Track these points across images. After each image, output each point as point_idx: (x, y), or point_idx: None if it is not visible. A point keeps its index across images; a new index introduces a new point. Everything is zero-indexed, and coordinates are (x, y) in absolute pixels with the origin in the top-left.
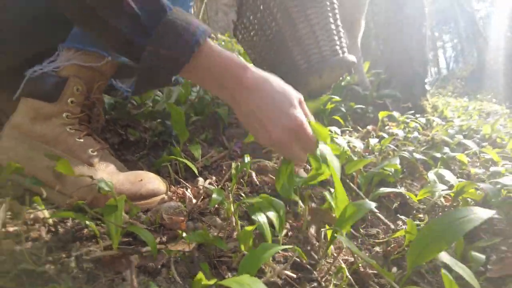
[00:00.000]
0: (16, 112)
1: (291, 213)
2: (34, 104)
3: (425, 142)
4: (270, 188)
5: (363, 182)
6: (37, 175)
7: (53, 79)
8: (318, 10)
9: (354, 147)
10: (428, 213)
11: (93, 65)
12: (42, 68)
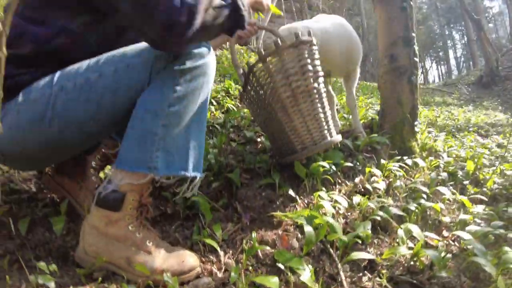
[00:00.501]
0: (92, 216)
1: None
2: (105, 213)
3: (406, 190)
4: (271, 260)
5: (340, 245)
6: (115, 262)
7: (116, 195)
8: (309, 104)
9: (339, 208)
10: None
11: (141, 182)
12: (107, 188)
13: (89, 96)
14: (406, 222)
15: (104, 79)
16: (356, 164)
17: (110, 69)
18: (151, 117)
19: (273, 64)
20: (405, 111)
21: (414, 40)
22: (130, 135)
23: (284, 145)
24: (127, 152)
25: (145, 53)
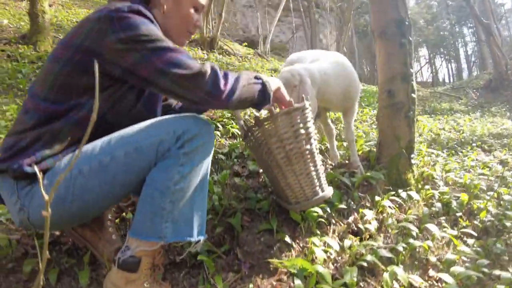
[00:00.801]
0: (113, 275)
1: None
2: (124, 274)
3: (397, 228)
4: None
5: None
6: None
7: (133, 259)
8: (302, 164)
9: (330, 253)
10: None
11: (153, 248)
12: (125, 254)
13: (104, 178)
14: (394, 262)
15: (115, 162)
16: (350, 204)
17: (120, 153)
18: (159, 195)
19: (269, 129)
20: (401, 145)
21: (412, 76)
22: (142, 210)
23: (280, 193)
24: (140, 224)
25: (151, 136)
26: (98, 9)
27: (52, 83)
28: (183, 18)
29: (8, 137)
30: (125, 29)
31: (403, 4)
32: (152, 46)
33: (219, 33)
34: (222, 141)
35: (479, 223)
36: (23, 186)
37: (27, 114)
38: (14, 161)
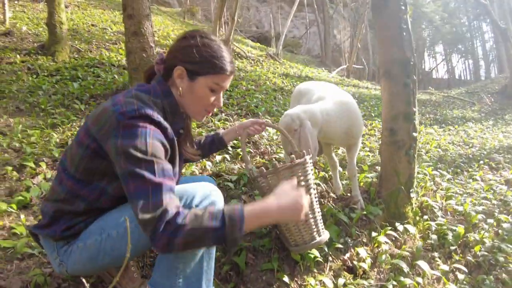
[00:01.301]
0: None
1: None
2: None
3: (391, 264)
4: None
5: None
6: None
7: None
8: None
9: None
10: None
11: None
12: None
13: (131, 239)
14: None
15: (138, 228)
16: (347, 241)
17: None
18: (173, 257)
19: (272, 180)
20: (401, 181)
21: (414, 116)
22: (160, 267)
23: (281, 235)
24: (158, 278)
25: None
26: (116, 100)
27: (78, 164)
28: (198, 100)
29: (47, 202)
30: (124, 137)
31: (409, 44)
32: (131, 168)
33: (231, 36)
34: (231, 166)
35: (473, 257)
36: (61, 245)
37: (60, 186)
38: (54, 227)
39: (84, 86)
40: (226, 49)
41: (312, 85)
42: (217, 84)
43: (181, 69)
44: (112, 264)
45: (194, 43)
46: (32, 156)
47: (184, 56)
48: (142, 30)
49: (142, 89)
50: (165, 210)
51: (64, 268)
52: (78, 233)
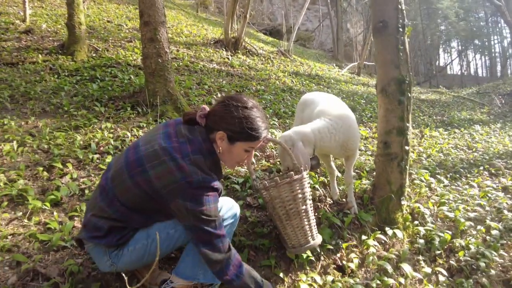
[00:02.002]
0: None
1: None
2: None
3: (377, 265)
4: None
5: None
6: None
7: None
8: (298, 220)
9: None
10: None
11: (189, 284)
12: (168, 285)
13: (169, 243)
14: None
15: (179, 232)
16: (339, 242)
17: (179, 227)
18: (199, 257)
19: (273, 192)
20: (393, 189)
21: (407, 130)
22: (185, 260)
23: (281, 237)
24: (183, 268)
25: None
26: (180, 165)
27: (132, 199)
28: (234, 158)
29: (98, 218)
30: (192, 202)
31: (405, 63)
32: (201, 225)
33: (243, 34)
34: (239, 168)
35: (456, 262)
36: (112, 251)
37: (111, 208)
38: (109, 238)
39: (103, 88)
40: (261, 117)
41: (316, 97)
42: (251, 147)
43: (223, 134)
44: (151, 261)
45: (237, 115)
46: (59, 157)
47: (228, 125)
48: (158, 36)
49: (195, 150)
50: (230, 255)
51: (114, 268)
52: (127, 240)
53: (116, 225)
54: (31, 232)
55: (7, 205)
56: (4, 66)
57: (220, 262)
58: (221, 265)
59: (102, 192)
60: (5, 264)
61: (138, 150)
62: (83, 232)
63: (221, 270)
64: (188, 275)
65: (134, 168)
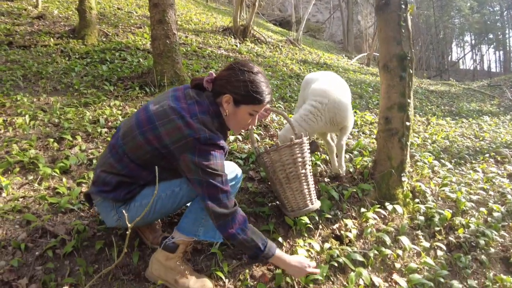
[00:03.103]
0: (158, 253)
1: None
2: (166, 254)
3: (375, 237)
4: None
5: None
6: (168, 281)
7: (174, 245)
8: (298, 183)
9: (311, 252)
10: None
11: (190, 240)
12: (170, 240)
13: (174, 200)
14: (365, 265)
15: (181, 191)
16: (337, 213)
17: (184, 186)
18: (201, 210)
19: (274, 156)
20: (393, 165)
21: (409, 106)
22: (188, 216)
23: (280, 201)
24: (185, 224)
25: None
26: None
27: (141, 155)
28: (239, 122)
29: (104, 173)
30: (200, 157)
31: (407, 40)
32: (209, 179)
33: (252, 22)
34: (243, 145)
35: (455, 239)
36: (119, 205)
37: (120, 164)
38: (117, 192)
39: (112, 69)
40: (266, 82)
41: (315, 76)
42: (255, 111)
43: (229, 97)
44: (156, 219)
45: (242, 79)
46: (69, 130)
47: (234, 88)
48: (166, 18)
49: (202, 111)
50: (235, 211)
51: (120, 222)
52: (134, 196)
53: (124, 180)
54: (41, 195)
55: (19, 171)
56: (17, 48)
57: (225, 216)
58: (225, 219)
59: (111, 150)
60: (15, 223)
61: (148, 110)
62: (92, 187)
63: (225, 224)
64: (189, 231)
65: (145, 125)
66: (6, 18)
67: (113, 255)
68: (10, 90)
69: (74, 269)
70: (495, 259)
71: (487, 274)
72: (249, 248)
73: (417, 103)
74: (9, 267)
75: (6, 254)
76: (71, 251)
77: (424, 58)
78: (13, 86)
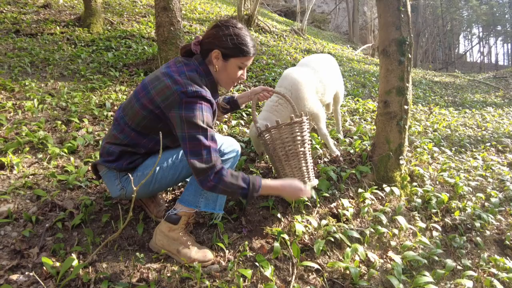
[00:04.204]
0: (161, 224)
1: None
2: (169, 225)
3: (372, 216)
4: (253, 259)
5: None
6: (171, 251)
7: (177, 217)
8: (296, 161)
9: (308, 228)
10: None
11: (191, 212)
12: (173, 212)
13: (174, 171)
14: (361, 242)
15: (181, 162)
16: (335, 193)
17: (184, 157)
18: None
19: (274, 134)
20: (391, 148)
21: (407, 90)
22: (189, 189)
23: (278, 177)
24: (186, 196)
25: None
26: (176, 79)
27: (140, 121)
28: (229, 75)
29: (111, 144)
30: (186, 111)
31: (406, 24)
32: (192, 132)
33: (256, 11)
34: (245, 130)
35: (451, 221)
36: (123, 175)
37: (122, 134)
38: (120, 161)
39: (118, 56)
40: (250, 36)
41: (305, 61)
42: (243, 63)
43: (217, 52)
44: (158, 190)
45: (228, 33)
46: (76, 113)
47: (221, 43)
48: (171, 5)
49: (191, 69)
50: (214, 165)
51: (124, 192)
52: (137, 166)
53: (127, 150)
54: (50, 172)
55: (29, 151)
56: (24, 36)
57: (204, 171)
58: (205, 174)
59: (115, 123)
60: (26, 197)
61: (143, 81)
62: (99, 159)
63: (204, 179)
64: (190, 202)
65: (140, 93)
66: (13, 7)
67: (119, 227)
68: (19, 76)
69: (82, 240)
70: (490, 241)
71: (481, 255)
72: (234, 192)
73: (420, 94)
74: (21, 237)
75: (18, 226)
76: (79, 224)
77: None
78: (22, 72)
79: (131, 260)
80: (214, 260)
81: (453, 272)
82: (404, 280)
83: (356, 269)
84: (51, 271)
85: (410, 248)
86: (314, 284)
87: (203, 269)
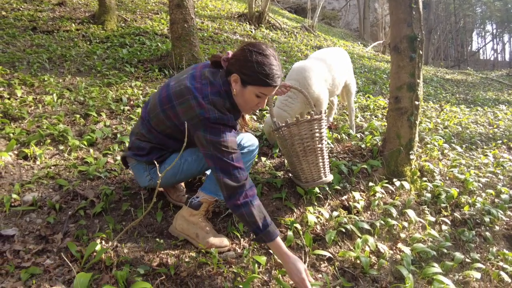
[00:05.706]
0: (183, 210)
1: None
2: (190, 211)
3: (382, 209)
4: (267, 247)
5: (309, 244)
6: (190, 235)
7: (198, 203)
8: (314, 157)
9: (320, 218)
10: (341, 262)
11: (212, 200)
12: (195, 199)
13: (199, 164)
14: (371, 234)
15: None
16: (346, 186)
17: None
18: None
19: (294, 130)
20: (402, 143)
21: (418, 86)
22: (210, 178)
23: (295, 173)
24: (207, 185)
25: None
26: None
27: (165, 129)
28: (246, 102)
29: (138, 140)
30: (211, 134)
31: (418, 21)
32: (219, 155)
33: (267, 8)
34: (257, 124)
35: (460, 215)
36: (152, 167)
37: (149, 134)
38: (150, 156)
39: (132, 52)
40: (276, 65)
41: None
42: (261, 93)
43: (236, 76)
44: (182, 180)
45: (250, 59)
46: (94, 107)
47: (241, 68)
48: (185, 2)
49: (214, 92)
50: (244, 184)
51: (152, 182)
52: (165, 159)
53: (156, 147)
54: (71, 163)
55: (50, 143)
56: (41, 33)
57: (234, 188)
58: (233, 191)
59: (142, 122)
60: (49, 187)
61: (169, 88)
62: (128, 152)
63: (232, 195)
64: (210, 191)
65: (165, 104)
66: (29, 4)
67: (138, 215)
68: (38, 71)
69: (104, 227)
70: (499, 236)
71: (490, 249)
72: (249, 223)
73: (431, 91)
74: (45, 223)
75: (42, 213)
76: (100, 212)
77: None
78: (40, 68)
79: (151, 246)
80: (230, 247)
81: (462, 264)
82: (413, 270)
83: (366, 258)
84: (76, 254)
85: (419, 240)
86: (326, 272)
87: (219, 255)
